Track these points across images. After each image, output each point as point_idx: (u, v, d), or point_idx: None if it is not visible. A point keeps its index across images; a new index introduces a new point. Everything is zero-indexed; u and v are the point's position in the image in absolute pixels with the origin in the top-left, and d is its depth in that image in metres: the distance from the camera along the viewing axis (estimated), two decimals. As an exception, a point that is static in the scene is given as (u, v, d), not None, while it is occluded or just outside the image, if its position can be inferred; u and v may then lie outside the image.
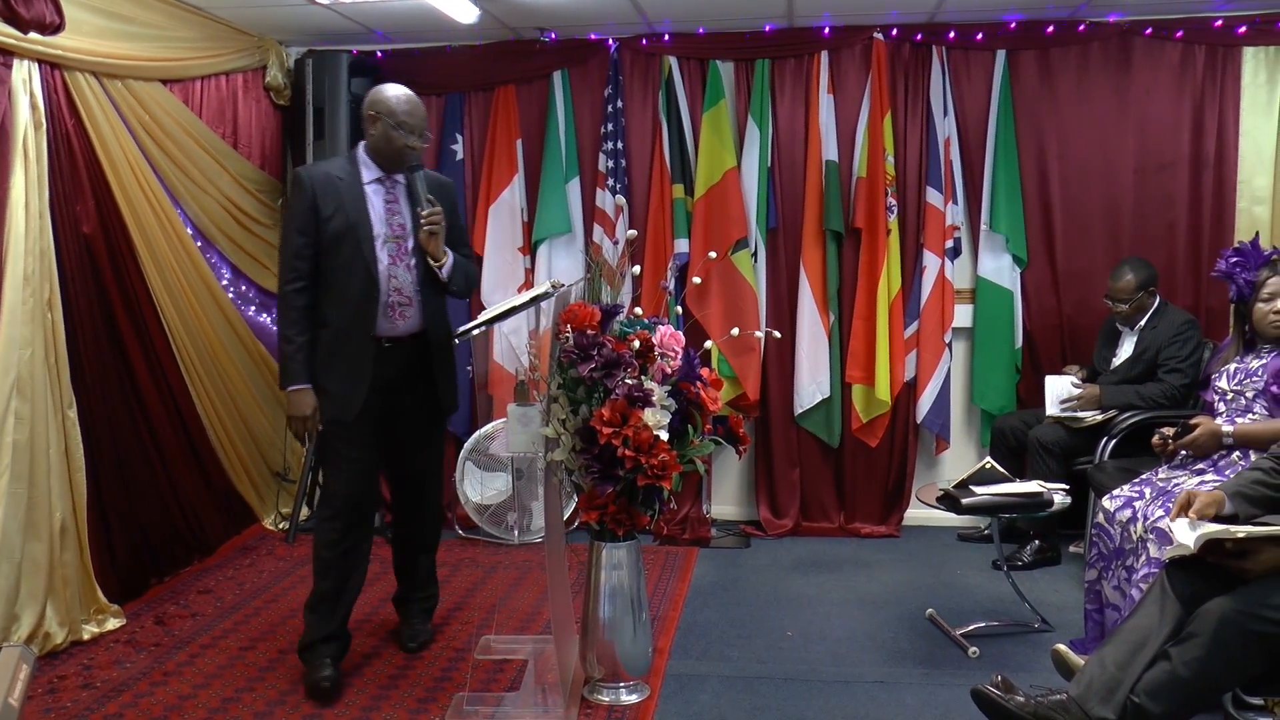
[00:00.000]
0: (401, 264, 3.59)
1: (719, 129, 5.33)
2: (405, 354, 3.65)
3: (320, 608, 3.65)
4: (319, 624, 3.64)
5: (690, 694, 3.58)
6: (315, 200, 3.52)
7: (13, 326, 3.74)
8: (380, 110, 3.56)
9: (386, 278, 3.56)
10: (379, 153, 3.61)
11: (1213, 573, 2.79)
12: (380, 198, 3.62)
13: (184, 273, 4.78)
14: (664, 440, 3.21)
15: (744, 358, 5.37)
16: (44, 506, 3.85)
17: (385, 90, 3.61)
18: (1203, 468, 3.74)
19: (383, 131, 3.56)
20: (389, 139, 3.56)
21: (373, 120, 3.58)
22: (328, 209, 3.52)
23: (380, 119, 3.56)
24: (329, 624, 3.65)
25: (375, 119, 3.57)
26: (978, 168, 5.33)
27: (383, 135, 3.57)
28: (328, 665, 3.58)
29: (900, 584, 4.70)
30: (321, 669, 3.57)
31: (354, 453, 3.64)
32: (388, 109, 3.55)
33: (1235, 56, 5.10)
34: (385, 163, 3.62)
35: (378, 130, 3.57)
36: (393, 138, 3.55)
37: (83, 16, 4.01)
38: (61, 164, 4.05)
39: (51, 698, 3.55)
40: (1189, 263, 5.19)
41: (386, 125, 3.55)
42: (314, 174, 3.60)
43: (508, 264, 5.55)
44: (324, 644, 3.63)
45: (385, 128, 3.55)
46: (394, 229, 3.60)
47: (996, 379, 5.38)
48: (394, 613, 4.12)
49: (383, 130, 3.56)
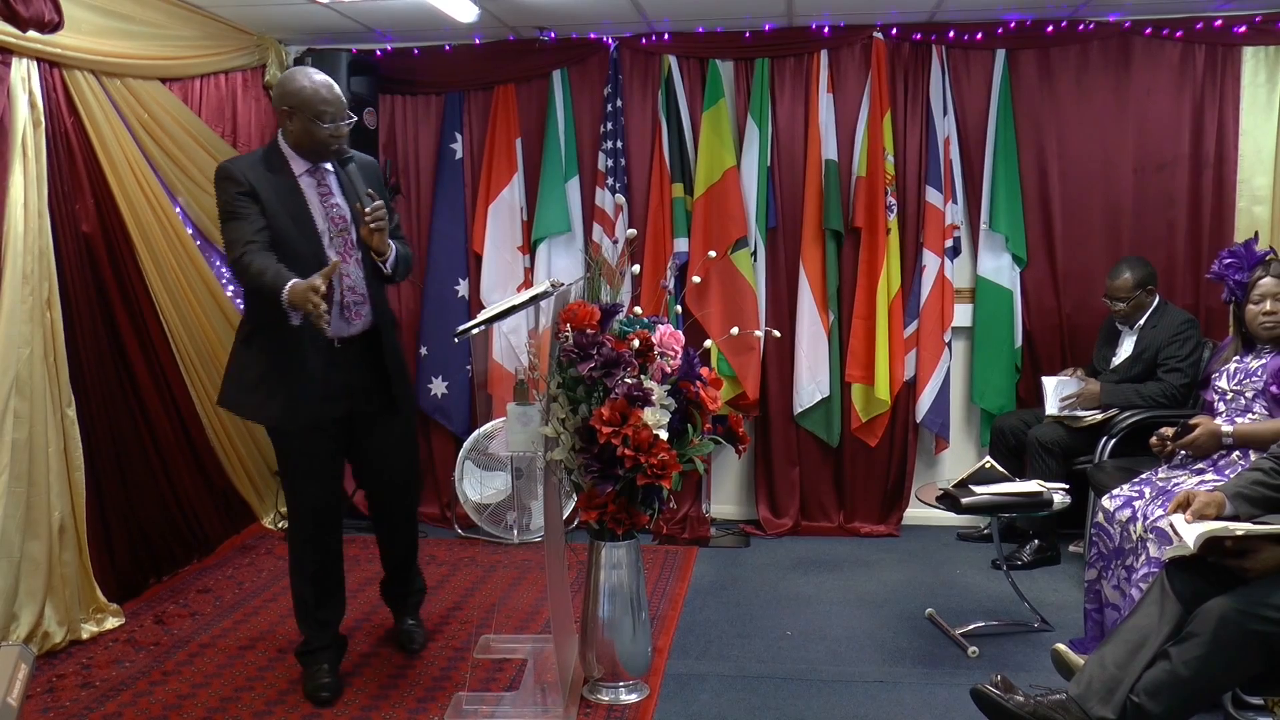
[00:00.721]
0: (351, 259, 3.45)
1: (718, 128, 5.33)
2: (358, 352, 3.52)
3: (309, 621, 3.63)
4: (312, 635, 3.64)
5: (690, 693, 3.58)
6: (255, 191, 3.29)
7: (12, 325, 3.74)
8: (293, 104, 3.34)
9: (339, 276, 3.40)
10: (301, 146, 3.40)
11: (1212, 572, 2.80)
12: (314, 190, 3.44)
13: (183, 271, 4.78)
14: (663, 439, 3.21)
15: (743, 357, 5.36)
16: (43, 505, 3.85)
17: (295, 79, 3.37)
18: (1202, 467, 3.75)
19: (301, 125, 3.35)
20: (309, 132, 3.35)
21: (288, 115, 3.36)
22: (269, 205, 3.31)
23: (296, 113, 3.34)
24: (321, 636, 3.64)
25: (290, 113, 3.35)
26: (977, 167, 5.32)
27: (302, 129, 3.35)
28: (325, 673, 3.57)
29: (900, 583, 4.70)
30: (319, 676, 3.56)
31: (316, 464, 3.53)
32: (301, 101, 3.33)
33: (1235, 56, 5.09)
34: (310, 154, 3.42)
35: (296, 125, 3.36)
36: (313, 130, 3.34)
37: (82, 15, 4.01)
38: (60, 162, 4.05)
39: (50, 697, 3.55)
40: (1189, 262, 5.19)
41: (304, 119, 3.34)
42: (243, 167, 3.34)
43: (507, 263, 5.55)
44: (321, 651, 3.62)
45: (304, 121, 3.34)
46: (335, 222, 3.44)
47: (996, 378, 5.38)
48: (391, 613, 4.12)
49: (301, 124, 3.35)
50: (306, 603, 3.63)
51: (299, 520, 3.61)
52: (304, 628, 3.65)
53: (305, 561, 3.61)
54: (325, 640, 3.64)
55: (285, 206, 3.35)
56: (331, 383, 3.45)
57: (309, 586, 3.62)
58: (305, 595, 3.63)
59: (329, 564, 3.67)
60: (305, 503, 3.58)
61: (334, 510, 3.68)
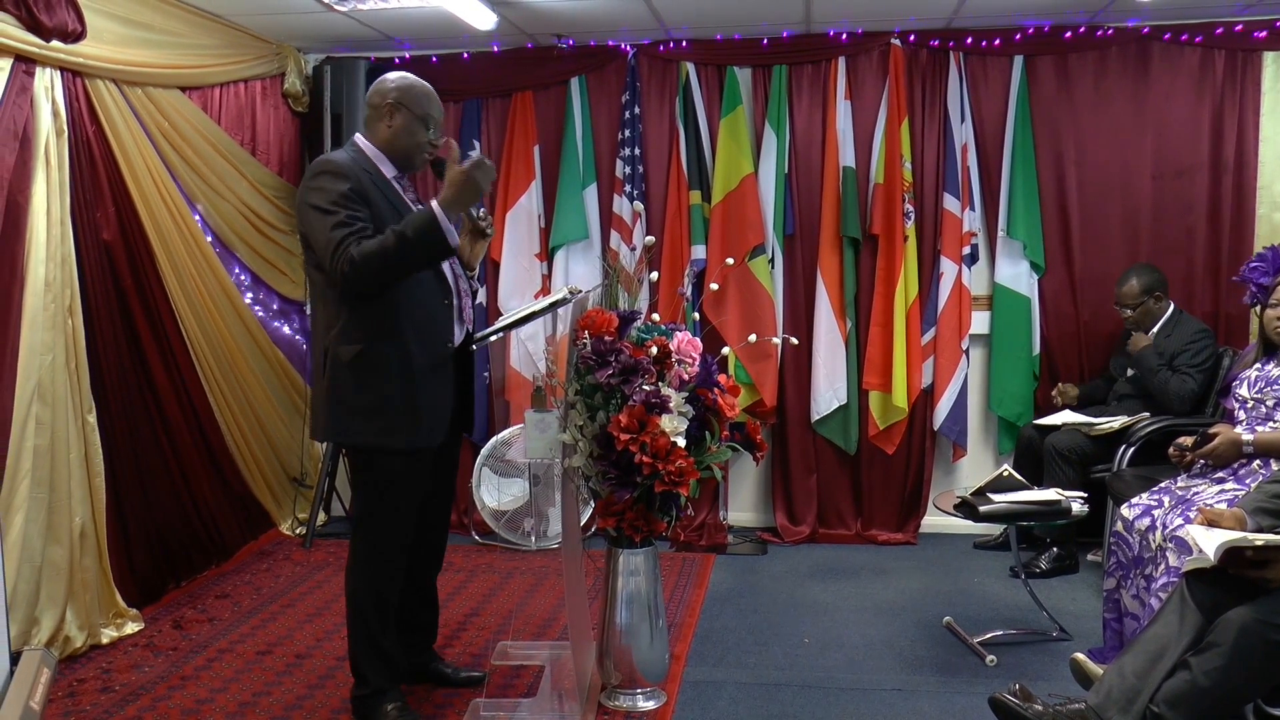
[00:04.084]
0: (456, 266, 3.33)
1: (736, 135, 5.33)
2: (451, 370, 3.31)
3: (381, 658, 3.28)
4: (382, 674, 3.28)
5: (707, 700, 3.57)
6: (365, 193, 3.08)
7: (34, 332, 3.77)
8: (405, 100, 3.17)
9: (454, 279, 3.27)
10: (393, 147, 3.22)
11: (1233, 582, 2.78)
12: (408, 196, 3.27)
13: (202, 279, 4.81)
14: (681, 446, 3.21)
15: (761, 364, 5.36)
16: (64, 511, 3.88)
17: (407, 77, 3.24)
18: (1223, 476, 3.72)
19: (404, 124, 3.19)
20: (411, 133, 3.20)
21: (391, 110, 3.18)
22: (378, 208, 3.09)
23: (402, 109, 3.18)
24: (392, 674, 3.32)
25: (395, 109, 3.18)
26: (995, 174, 5.31)
27: (404, 128, 3.19)
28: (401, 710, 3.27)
29: (917, 591, 4.69)
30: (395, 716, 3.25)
31: (418, 487, 3.26)
32: (413, 98, 3.18)
33: (1255, 61, 5.07)
34: (399, 160, 3.25)
35: (398, 122, 3.19)
36: (415, 132, 3.20)
37: (104, 24, 4.05)
38: (82, 171, 4.08)
39: (71, 701, 3.57)
40: (1208, 269, 5.16)
41: (409, 117, 3.19)
42: (346, 164, 3.10)
43: (525, 270, 5.56)
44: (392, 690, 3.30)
45: (407, 120, 3.19)
46: None
47: (1014, 386, 5.36)
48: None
49: (404, 123, 3.19)
50: (379, 640, 3.27)
51: (388, 549, 3.26)
52: (373, 665, 3.28)
53: (390, 595, 3.30)
54: (395, 679, 3.33)
55: (393, 208, 3.14)
56: (442, 403, 3.25)
57: (386, 621, 3.29)
58: (379, 632, 3.27)
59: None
60: (402, 530, 3.27)
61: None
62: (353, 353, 3.09)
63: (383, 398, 3.11)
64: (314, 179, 3.07)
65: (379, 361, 3.10)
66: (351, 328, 3.10)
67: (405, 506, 3.26)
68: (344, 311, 3.10)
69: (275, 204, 5.36)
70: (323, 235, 2.99)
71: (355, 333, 3.10)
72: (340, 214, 2.98)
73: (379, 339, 3.09)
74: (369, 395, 3.11)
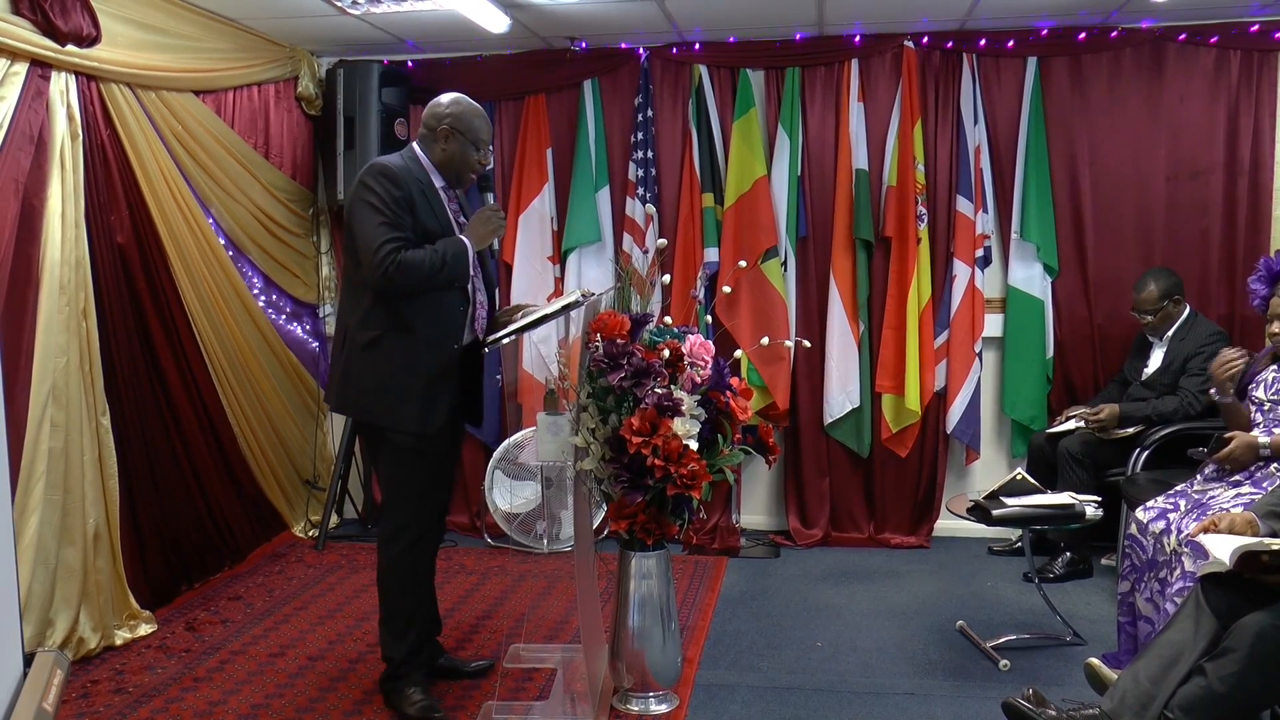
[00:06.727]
0: (478, 275, 3.52)
1: (749, 137, 5.33)
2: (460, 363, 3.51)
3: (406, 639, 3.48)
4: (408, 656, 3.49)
5: (719, 704, 3.57)
6: (412, 201, 3.34)
7: (48, 335, 3.79)
8: (461, 127, 3.44)
9: (474, 289, 3.48)
10: (446, 167, 3.48)
11: (1249, 587, 2.76)
12: (450, 207, 3.51)
13: (216, 282, 4.83)
14: (693, 449, 3.21)
15: (773, 367, 5.36)
16: (78, 513, 3.89)
17: (460, 101, 3.50)
18: (1239, 479, 3.69)
19: (459, 150, 3.45)
20: (464, 156, 3.46)
21: (448, 135, 3.44)
22: (421, 215, 3.36)
23: (458, 135, 3.44)
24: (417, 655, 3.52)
25: (451, 134, 3.44)
26: (1008, 176, 5.29)
27: (459, 153, 3.46)
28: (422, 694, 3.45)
29: (930, 595, 4.68)
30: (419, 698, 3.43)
31: (441, 471, 3.58)
32: (469, 127, 3.45)
33: (1271, 62, 5.04)
34: (450, 174, 3.50)
35: (452, 147, 3.45)
36: (468, 155, 3.47)
37: (118, 29, 4.07)
38: (97, 174, 4.10)
39: (84, 702, 3.58)
40: (1223, 271, 5.13)
41: (464, 142, 3.44)
42: (401, 171, 3.36)
43: (537, 273, 5.56)
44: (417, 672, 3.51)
45: (462, 146, 3.45)
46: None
47: (1027, 389, 5.34)
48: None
49: (459, 149, 3.45)
50: (409, 620, 3.50)
51: (413, 530, 3.48)
52: (398, 647, 3.49)
53: (423, 573, 3.57)
54: (419, 659, 3.54)
55: (435, 218, 3.41)
56: (443, 394, 3.43)
57: (415, 603, 3.52)
58: (408, 612, 3.50)
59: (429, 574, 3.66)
60: (428, 511, 3.54)
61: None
62: (368, 338, 3.37)
63: (388, 381, 3.37)
64: (372, 178, 3.32)
65: (390, 350, 3.36)
66: (372, 316, 3.37)
67: (432, 486, 3.53)
68: (368, 300, 3.37)
69: (288, 207, 5.38)
70: (370, 230, 3.27)
71: (374, 321, 3.37)
72: (389, 215, 3.27)
73: (393, 330, 3.36)
74: (377, 377, 3.38)
